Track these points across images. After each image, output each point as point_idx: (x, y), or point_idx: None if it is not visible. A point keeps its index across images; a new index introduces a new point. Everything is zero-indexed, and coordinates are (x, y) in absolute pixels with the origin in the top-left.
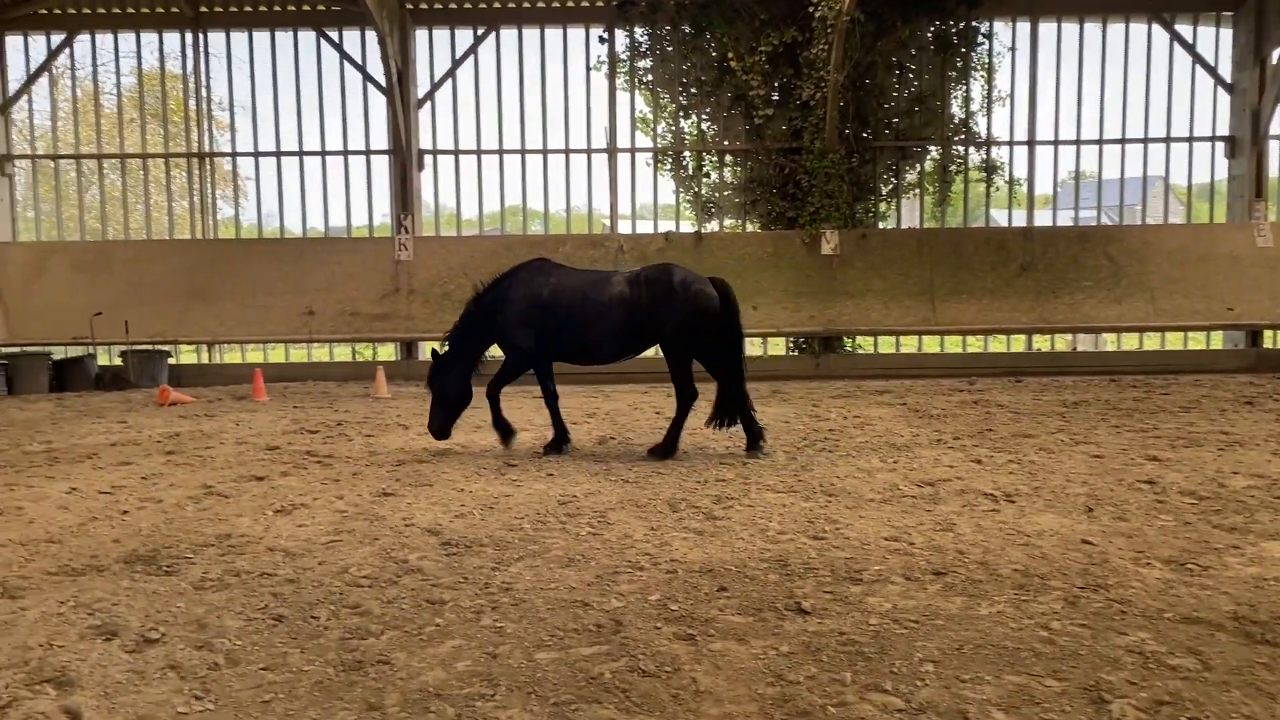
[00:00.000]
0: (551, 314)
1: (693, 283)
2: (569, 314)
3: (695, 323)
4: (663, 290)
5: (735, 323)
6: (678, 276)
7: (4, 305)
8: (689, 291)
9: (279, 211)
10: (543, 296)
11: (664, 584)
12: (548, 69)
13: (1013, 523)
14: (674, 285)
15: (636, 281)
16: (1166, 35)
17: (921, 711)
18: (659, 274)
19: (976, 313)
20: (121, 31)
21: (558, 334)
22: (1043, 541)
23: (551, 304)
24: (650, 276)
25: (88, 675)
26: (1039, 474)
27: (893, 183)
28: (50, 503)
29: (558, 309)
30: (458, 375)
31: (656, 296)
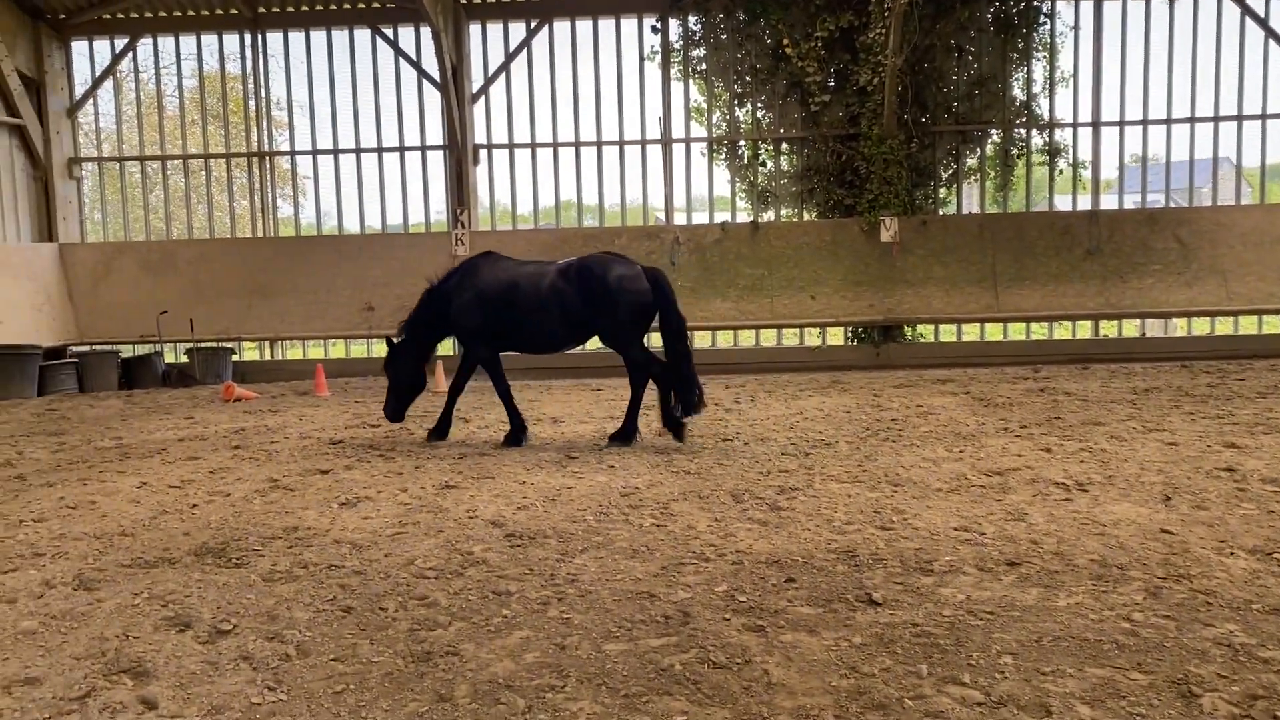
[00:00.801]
0: (494, 306)
1: (622, 274)
2: (510, 306)
3: (626, 314)
4: (592, 282)
5: (670, 313)
6: (606, 267)
7: (74, 305)
8: (618, 283)
9: (337, 208)
10: (486, 289)
11: (730, 575)
12: (601, 60)
13: (1087, 512)
14: (602, 276)
15: (568, 273)
16: (1237, 10)
17: (1002, 705)
18: (589, 265)
19: (1041, 299)
20: (182, 34)
21: (502, 326)
22: (1119, 531)
23: (494, 297)
24: (580, 268)
25: (163, 666)
26: (1112, 462)
27: (953, 168)
28: (122, 497)
29: (500, 301)
30: (411, 363)
31: (587, 288)
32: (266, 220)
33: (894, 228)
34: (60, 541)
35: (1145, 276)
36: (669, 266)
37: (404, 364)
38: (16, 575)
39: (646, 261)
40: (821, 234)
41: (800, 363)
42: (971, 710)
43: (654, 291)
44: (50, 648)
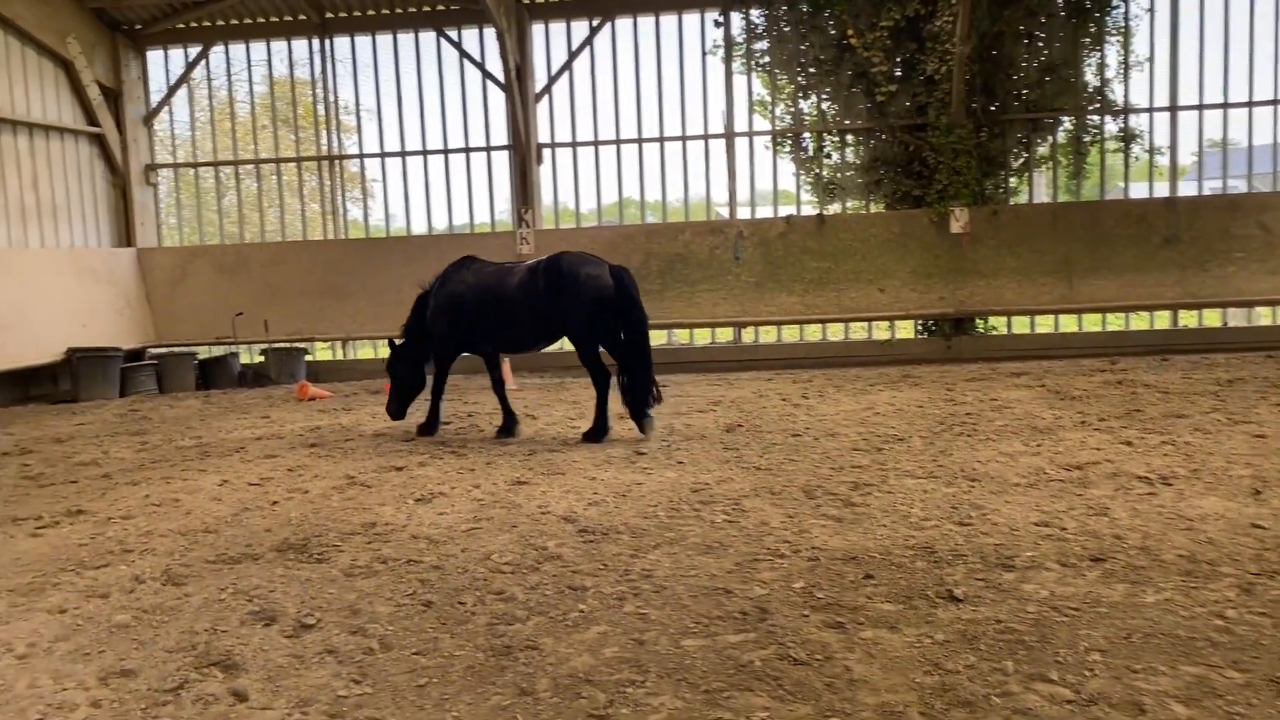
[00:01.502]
0: (468, 307)
1: (586, 271)
2: (483, 306)
3: (588, 310)
4: (556, 279)
5: (633, 310)
6: (570, 265)
7: (152, 308)
8: (581, 280)
9: (404, 209)
10: (460, 291)
11: (806, 572)
12: (663, 56)
13: (1172, 507)
14: (566, 273)
15: (535, 270)
16: None
17: (1093, 702)
18: (553, 262)
19: (1117, 289)
20: (253, 41)
21: (478, 326)
22: (1207, 526)
23: (468, 298)
24: (545, 265)
25: (251, 659)
26: (1196, 456)
27: (1024, 156)
28: (204, 495)
29: (473, 302)
30: (411, 363)
31: (551, 285)
32: (336, 222)
33: (964, 218)
34: (148, 538)
35: (1227, 264)
36: (733, 262)
37: (404, 365)
38: (108, 571)
39: (711, 257)
40: (889, 226)
41: (869, 357)
42: (1061, 708)
43: (617, 288)
44: (143, 641)
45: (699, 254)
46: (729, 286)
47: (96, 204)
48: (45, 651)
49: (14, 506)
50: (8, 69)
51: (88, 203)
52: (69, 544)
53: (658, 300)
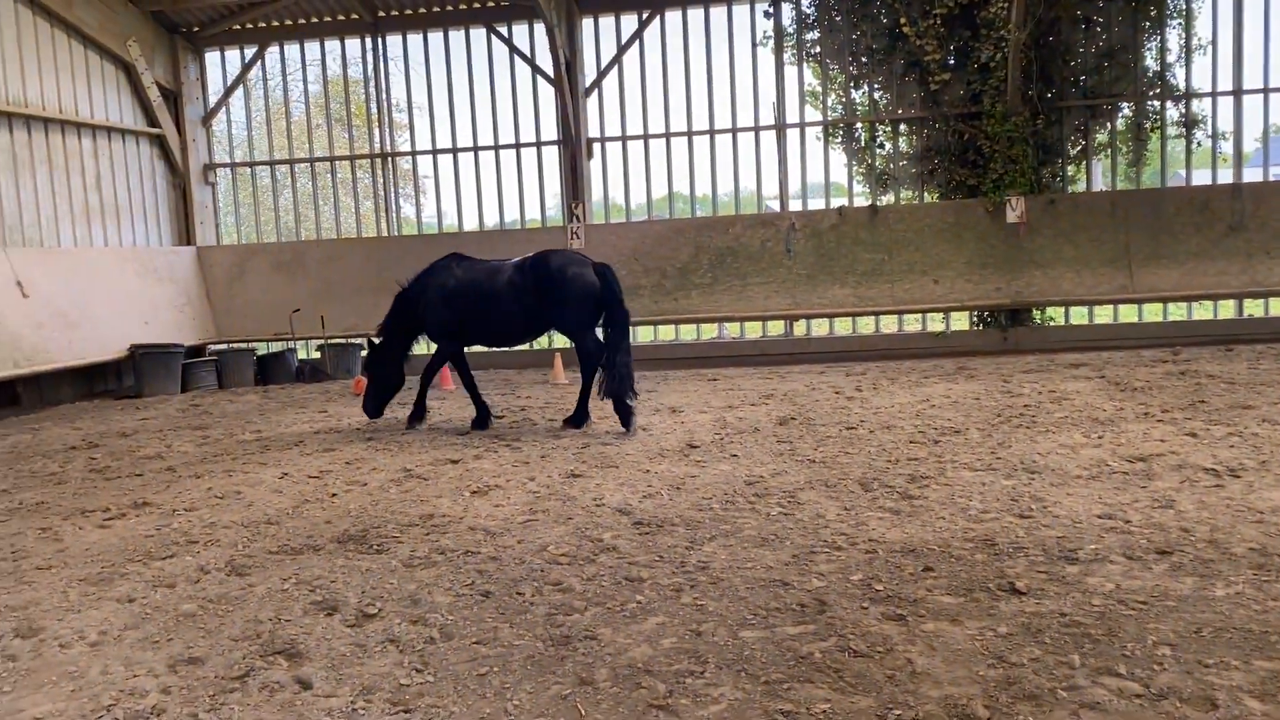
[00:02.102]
0: (457, 303)
1: (572, 268)
2: (472, 302)
3: (576, 306)
4: (544, 276)
5: (616, 307)
6: (557, 262)
7: (211, 305)
8: (567, 276)
9: (456, 206)
10: (449, 288)
11: (865, 564)
12: (713, 48)
13: (1241, 499)
14: (554, 271)
15: (523, 268)
16: None
17: (1163, 697)
18: (541, 260)
19: (1179, 278)
20: (307, 41)
21: (465, 321)
22: (1278, 519)
23: (457, 294)
24: (533, 263)
25: (314, 648)
26: (1264, 447)
27: (1081, 144)
28: (265, 487)
29: (462, 298)
30: (391, 361)
31: (539, 282)
32: (389, 219)
33: (1020, 208)
34: (211, 530)
35: None
36: (785, 254)
37: (382, 364)
38: (174, 561)
39: (762, 250)
40: (944, 216)
41: (923, 349)
42: (1130, 702)
43: (602, 285)
44: (209, 629)
45: (750, 246)
46: (780, 279)
47: (157, 203)
48: (116, 639)
49: (82, 499)
50: (71, 72)
51: (149, 202)
52: (136, 535)
53: (708, 293)
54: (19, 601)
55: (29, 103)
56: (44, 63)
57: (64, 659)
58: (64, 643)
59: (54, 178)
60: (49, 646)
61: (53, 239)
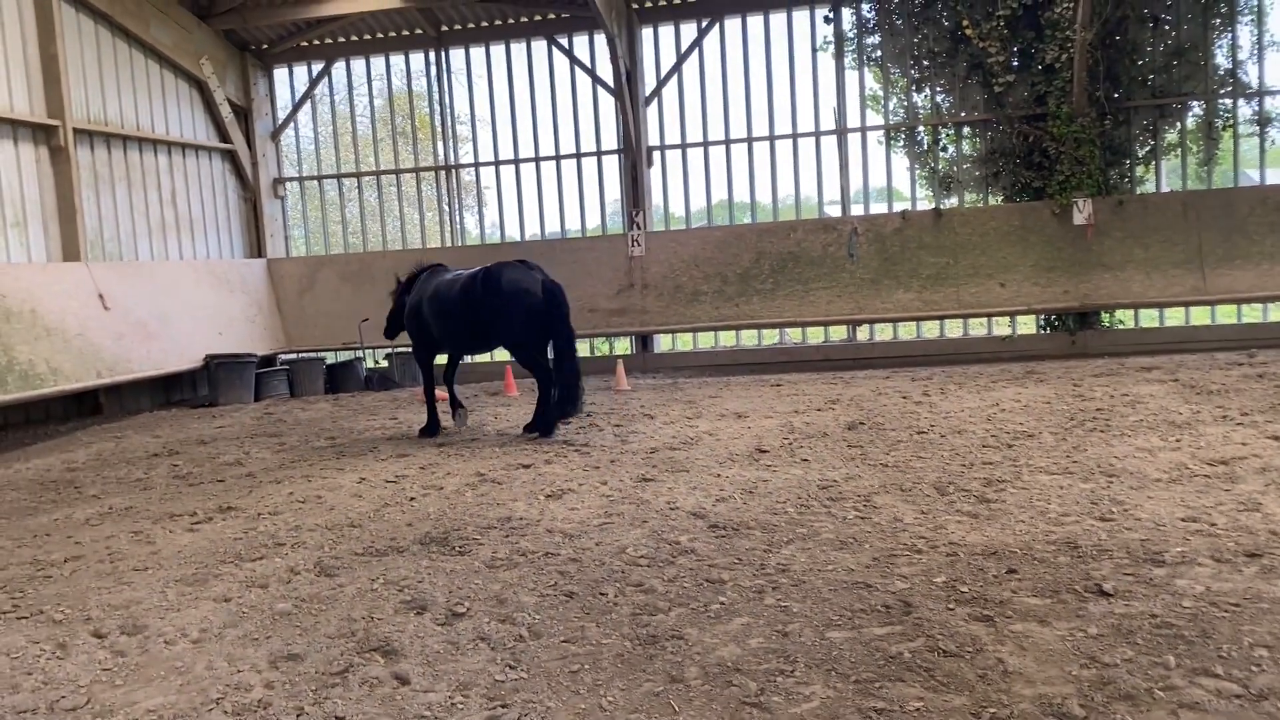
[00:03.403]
0: (424, 314)
1: (519, 284)
2: (433, 313)
3: (512, 321)
4: (489, 288)
5: (560, 325)
6: (505, 276)
7: (282, 315)
8: (513, 289)
9: (518, 216)
10: (419, 299)
11: (946, 566)
12: (773, 54)
13: None
14: (500, 284)
15: (474, 278)
16: None
17: (1264, 698)
18: (488, 272)
19: (1254, 279)
20: (372, 56)
21: (431, 331)
22: None
23: (424, 305)
24: (482, 275)
25: (408, 645)
26: None
27: (1150, 144)
28: (345, 491)
29: (427, 309)
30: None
31: (486, 294)
32: (453, 230)
33: (1088, 209)
34: (297, 532)
35: None
36: (847, 259)
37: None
38: (264, 563)
39: (824, 254)
40: (1010, 218)
41: (990, 353)
42: (1230, 703)
43: (547, 301)
44: (305, 628)
45: (812, 251)
46: (843, 284)
47: (230, 217)
48: (216, 637)
49: (169, 503)
50: (148, 91)
51: (221, 216)
52: (224, 538)
53: (769, 298)
54: (120, 600)
55: (109, 121)
56: (123, 82)
57: (170, 655)
58: (168, 639)
59: (132, 193)
60: (154, 643)
61: (131, 253)
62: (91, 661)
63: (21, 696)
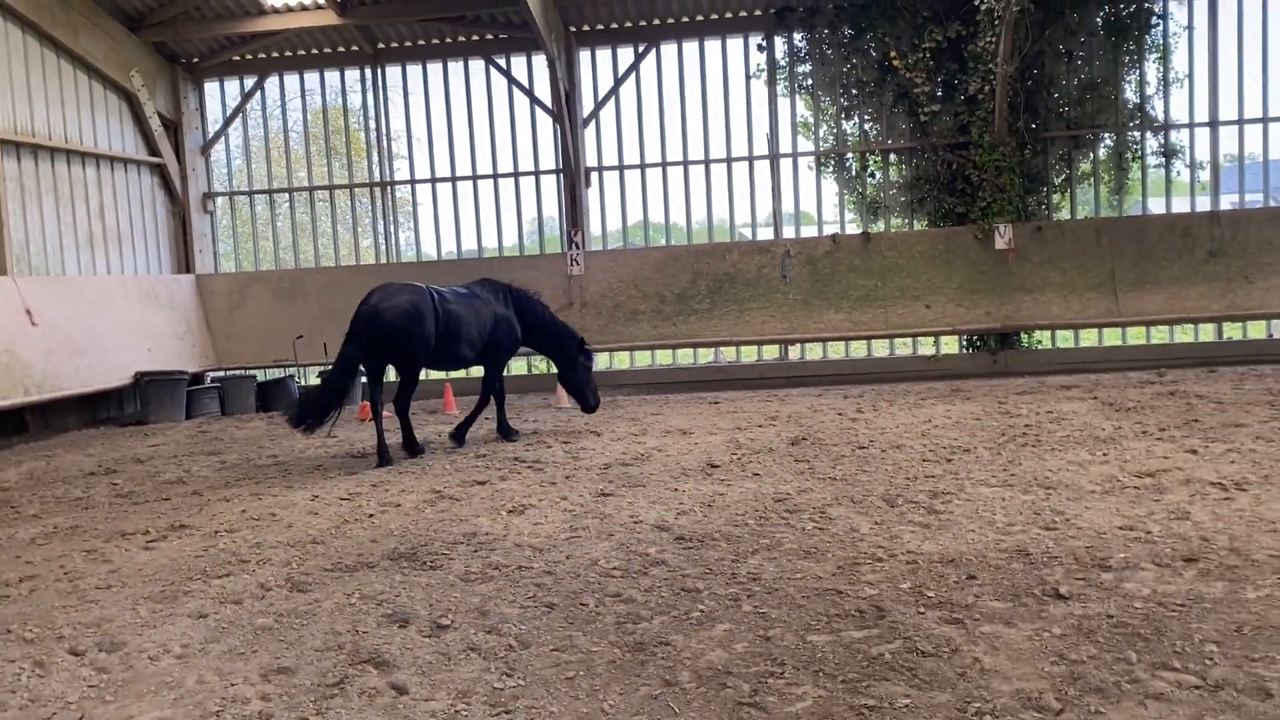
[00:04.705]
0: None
1: (375, 304)
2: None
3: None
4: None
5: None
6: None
7: (211, 332)
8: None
9: (455, 234)
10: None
11: (909, 574)
12: (708, 80)
13: (1252, 510)
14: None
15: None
16: None
17: (1220, 688)
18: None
19: (1163, 302)
20: (306, 71)
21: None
22: None
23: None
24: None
25: (400, 656)
26: (1264, 463)
27: (1066, 173)
28: (299, 509)
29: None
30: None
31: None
32: (388, 247)
33: (1008, 234)
34: (259, 549)
35: (1272, 277)
36: (781, 280)
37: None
38: (232, 579)
39: (758, 276)
40: (935, 243)
41: (916, 372)
42: (1191, 693)
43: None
44: (290, 641)
45: (747, 273)
46: (777, 304)
47: (158, 231)
48: (201, 651)
49: (117, 522)
50: (76, 102)
51: (149, 230)
52: (185, 555)
53: (706, 318)
54: (91, 619)
55: (35, 132)
56: (50, 93)
57: (156, 670)
58: (151, 655)
59: (60, 206)
60: (137, 659)
61: (58, 267)
62: (75, 678)
63: (10, 715)
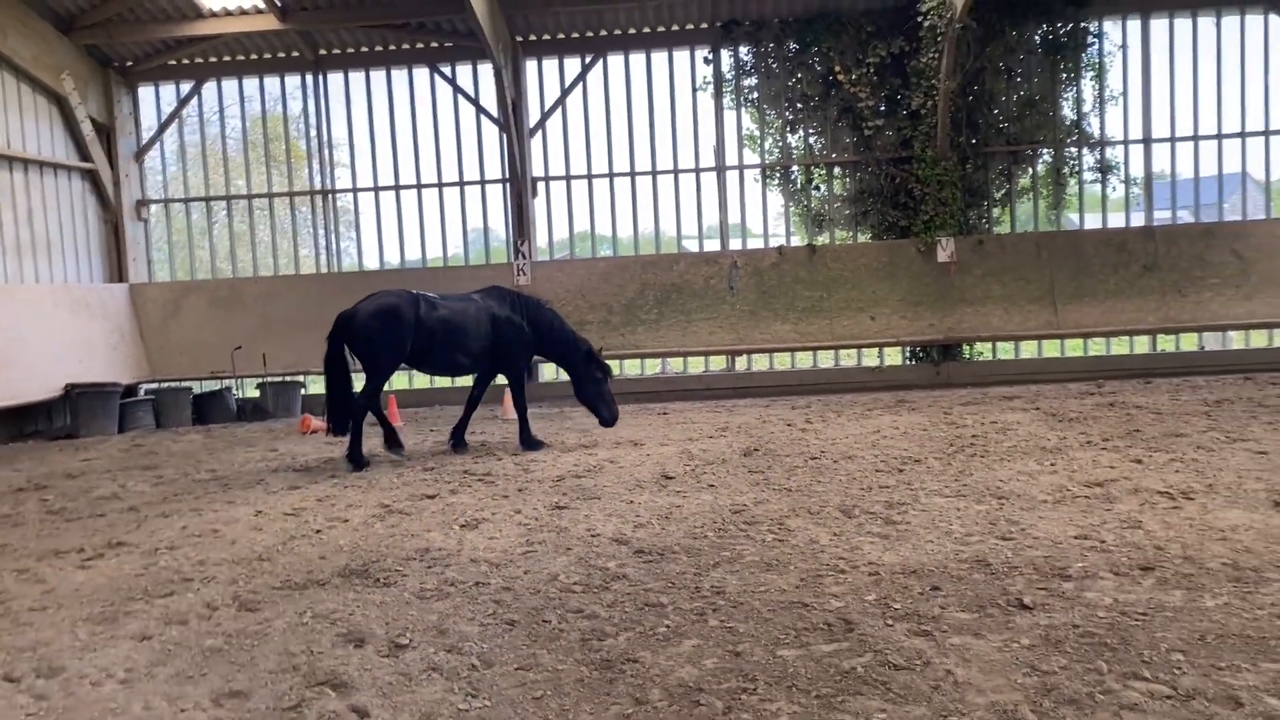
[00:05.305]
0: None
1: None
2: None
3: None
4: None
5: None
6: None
7: (145, 343)
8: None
9: (399, 243)
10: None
11: (873, 585)
12: (655, 92)
13: (1200, 519)
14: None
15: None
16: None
17: (1191, 698)
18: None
19: (1100, 315)
20: (245, 77)
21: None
22: (1240, 536)
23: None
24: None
25: (358, 678)
26: (1207, 471)
27: (1006, 187)
28: (243, 525)
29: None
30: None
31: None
32: (330, 256)
33: (950, 248)
34: (202, 567)
35: (1203, 290)
36: (728, 291)
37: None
38: (176, 599)
39: (706, 287)
40: (879, 255)
41: (860, 383)
42: (1163, 704)
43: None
44: (242, 664)
45: (694, 284)
46: (724, 315)
47: (89, 239)
48: (146, 676)
49: (50, 540)
50: (4, 105)
51: (80, 238)
52: (124, 574)
53: (654, 329)
54: (25, 642)
55: None
56: None
57: (99, 696)
58: (93, 680)
59: None
60: (78, 685)
61: None
62: (12, 706)
63: None
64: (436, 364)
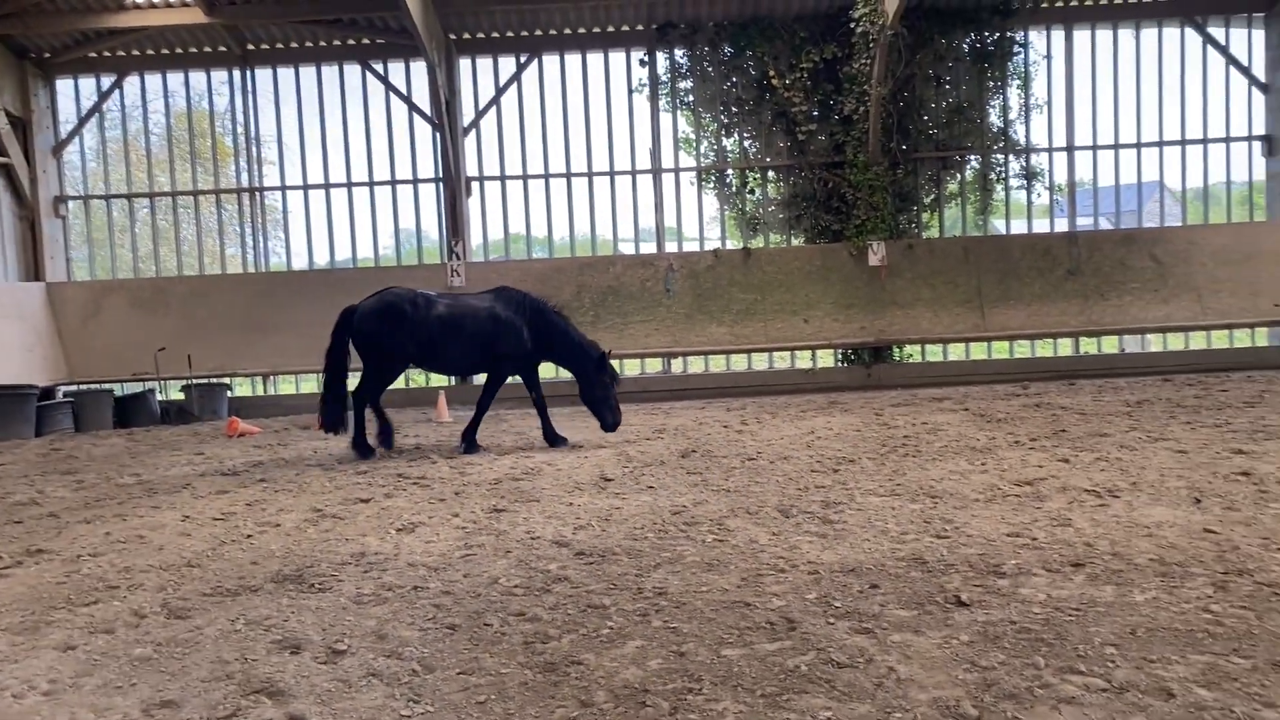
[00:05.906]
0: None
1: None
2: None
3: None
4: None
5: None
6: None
7: (63, 344)
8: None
9: (329, 242)
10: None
11: (812, 584)
12: (590, 93)
13: (1127, 516)
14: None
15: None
16: (1199, 38)
17: (1125, 690)
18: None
19: (1026, 318)
20: (170, 71)
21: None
22: (1165, 532)
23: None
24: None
25: (295, 685)
26: (1131, 470)
27: (935, 193)
28: (170, 530)
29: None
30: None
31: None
32: (257, 255)
33: (881, 252)
34: (128, 574)
35: (1124, 294)
36: (664, 294)
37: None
38: (101, 607)
39: (642, 289)
40: (812, 259)
41: (794, 385)
42: (1099, 696)
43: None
44: (173, 673)
45: (630, 286)
46: (660, 318)
47: (3, 237)
48: (72, 687)
49: None
50: None
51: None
52: (45, 582)
53: (590, 331)
54: None
55: None
56: None
57: (22, 709)
58: (15, 693)
59: None
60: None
61: None
62: None
63: None
64: (439, 363)
